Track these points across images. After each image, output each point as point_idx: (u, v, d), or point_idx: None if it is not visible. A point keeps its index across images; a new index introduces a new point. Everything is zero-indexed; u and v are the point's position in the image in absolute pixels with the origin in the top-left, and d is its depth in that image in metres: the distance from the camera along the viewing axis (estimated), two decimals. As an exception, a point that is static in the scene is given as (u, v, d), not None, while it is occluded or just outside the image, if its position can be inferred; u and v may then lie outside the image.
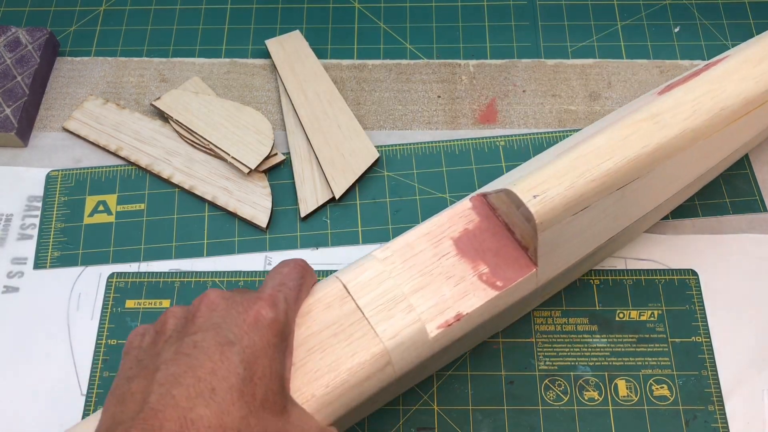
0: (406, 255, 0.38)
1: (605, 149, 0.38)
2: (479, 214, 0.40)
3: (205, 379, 0.28)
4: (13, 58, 0.56)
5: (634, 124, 0.40)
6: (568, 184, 0.37)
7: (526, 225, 0.38)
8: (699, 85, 0.43)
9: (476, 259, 0.38)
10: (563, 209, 0.36)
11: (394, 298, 0.36)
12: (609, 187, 0.38)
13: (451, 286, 0.37)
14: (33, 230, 0.51)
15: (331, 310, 0.36)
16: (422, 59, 0.59)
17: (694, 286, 0.49)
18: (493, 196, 0.39)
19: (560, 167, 0.37)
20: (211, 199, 0.52)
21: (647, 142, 0.39)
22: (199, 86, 0.57)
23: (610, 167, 0.38)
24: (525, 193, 0.36)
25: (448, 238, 0.39)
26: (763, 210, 0.51)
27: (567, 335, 0.47)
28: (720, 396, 0.45)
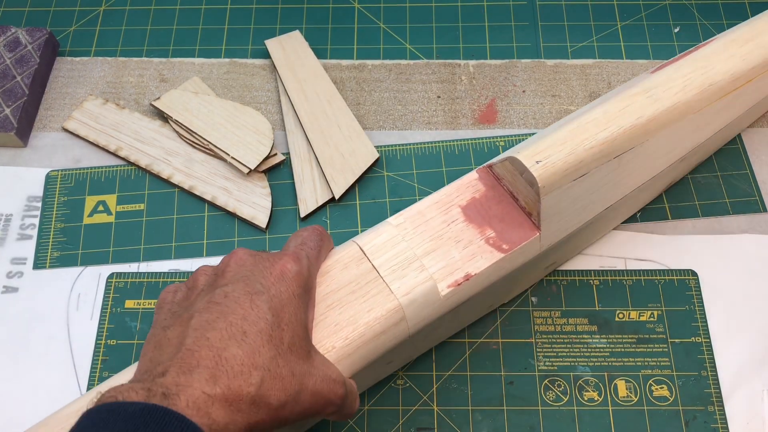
0: (417, 222, 0.41)
1: (602, 120, 0.41)
2: (485, 184, 0.42)
3: (236, 323, 0.30)
4: (12, 58, 0.56)
5: (628, 97, 0.43)
6: (569, 151, 0.39)
7: (529, 190, 0.40)
8: (689, 63, 0.45)
9: (483, 224, 0.41)
10: (564, 174, 0.39)
11: (407, 258, 0.39)
12: (606, 155, 0.40)
13: (460, 249, 0.40)
14: (32, 230, 0.51)
15: (349, 270, 0.38)
16: (422, 59, 0.59)
17: (694, 287, 0.49)
18: (498, 165, 0.42)
19: (561, 136, 0.40)
20: (211, 199, 0.52)
21: (641, 113, 0.42)
22: (199, 86, 0.57)
23: (607, 136, 0.40)
24: (528, 159, 0.38)
25: (456, 206, 0.41)
26: (762, 210, 0.51)
27: (567, 335, 0.47)
28: (720, 396, 0.45)
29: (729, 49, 0.46)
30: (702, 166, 0.53)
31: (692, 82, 0.44)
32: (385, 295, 0.37)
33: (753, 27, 0.47)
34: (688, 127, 0.45)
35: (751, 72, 0.46)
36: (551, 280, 0.49)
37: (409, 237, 0.40)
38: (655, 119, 0.42)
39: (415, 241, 0.40)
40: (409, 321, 0.38)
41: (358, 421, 0.45)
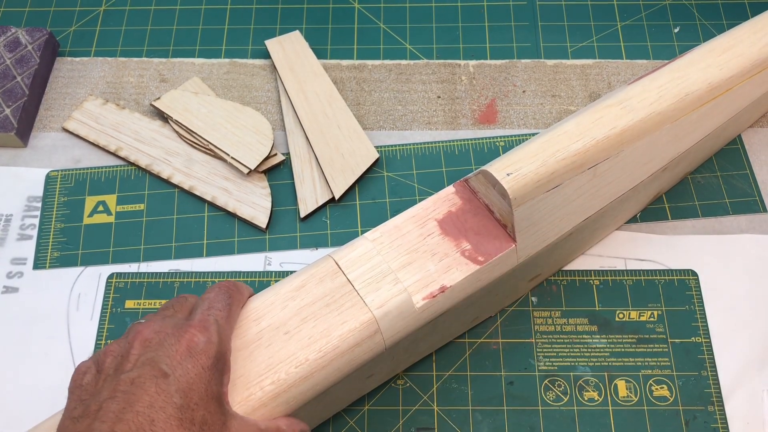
0: (393, 236, 0.41)
1: (575, 131, 0.41)
2: (462, 197, 0.42)
3: (143, 412, 0.30)
4: (12, 59, 0.56)
5: (602, 109, 0.43)
6: (540, 162, 0.39)
7: (502, 202, 0.40)
8: (665, 74, 0.45)
9: (459, 237, 0.41)
10: (535, 185, 0.39)
11: (382, 272, 0.39)
12: (579, 166, 0.40)
13: (435, 262, 0.40)
14: (32, 230, 0.51)
15: (324, 284, 0.39)
16: (422, 59, 0.59)
17: (694, 287, 0.49)
18: (473, 179, 0.42)
19: (532, 148, 0.40)
20: (211, 200, 0.52)
21: (614, 124, 0.42)
22: (199, 86, 0.57)
23: (579, 147, 0.40)
24: (499, 172, 0.39)
25: (432, 219, 0.41)
26: (762, 210, 0.51)
27: (567, 335, 0.47)
28: (720, 396, 0.45)
29: (706, 59, 0.46)
30: (702, 166, 0.53)
31: (668, 92, 0.44)
32: (360, 308, 0.38)
33: (731, 36, 0.47)
34: (665, 138, 0.44)
35: (729, 81, 0.45)
36: (551, 280, 0.49)
37: (384, 251, 0.40)
38: (630, 130, 0.42)
39: (390, 255, 0.40)
40: (384, 333, 0.38)
41: (358, 421, 0.45)
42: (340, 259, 0.39)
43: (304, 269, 0.40)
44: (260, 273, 0.50)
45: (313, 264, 0.40)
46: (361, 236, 0.41)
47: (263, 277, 0.50)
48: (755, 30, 0.47)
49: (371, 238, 0.41)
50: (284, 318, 0.38)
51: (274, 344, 0.37)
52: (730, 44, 0.47)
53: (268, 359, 0.36)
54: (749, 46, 0.46)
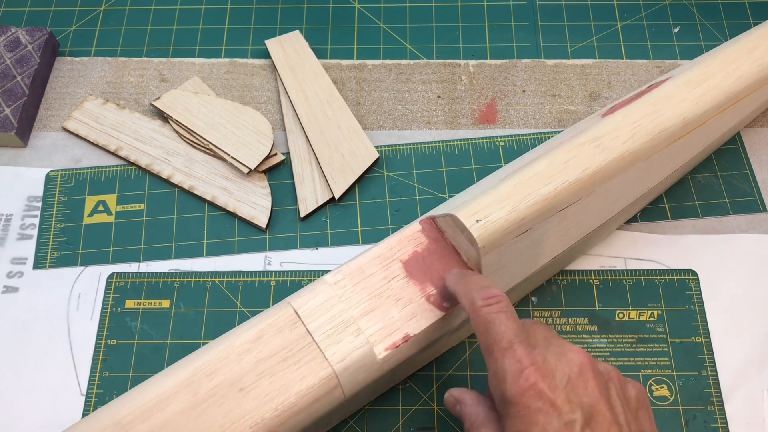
0: (357, 278, 0.39)
1: (546, 173, 0.40)
2: (428, 236, 0.41)
3: None
4: (12, 58, 0.56)
5: (574, 148, 0.42)
6: (510, 209, 0.38)
7: (471, 248, 0.39)
8: (639, 107, 0.44)
9: (424, 281, 0.40)
10: (505, 232, 0.38)
11: (343, 322, 0.38)
12: (549, 210, 0.40)
13: (399, 308, 0.39)
14: (33, 230, 0.51)
15: (282, 335, 0.37)
16: (422, 59, 0.59)
17: (694, 287, 0.49)
18: (440, 219, 0.41)
19: (502, 192, 0.39)
20: (211, 199, 0.52)
21: (587, 165, 0.41)
22: (199, 86, 0.57)
23: (550, 191, 0.39)
24: (468, 218, 0.38)
25: (397, 260, 0.40)
26: (762, 210, 0.51)
27: (567, 335, 0.47)
28: (720, 396, 0.45)
29: (680, 92, 0.45)
30: (702, 166, 0.53)
31: (642, 129, 0.43)
32: (319, 362, 0.36)
33: (706, 67, 0.46)
34: (636, 175, 0.44)
35: (703, 116, 0.45)
36: (551, 280, 0.49)
37: (347, 296, 0.39)
38: (602, 170, 0.41)
39: (353, 300, 0.38)
40: (345, 387, 0.37)
41: (358, 421, 0.45)
42: (299, 307, 0.38)
43: (262, 316, 0.38)
44: (260, 273, 0.50)
45: (271, 311, 0.38)
46: (321, 279, 0.39)
47: (263, 276, 0.50)
48: (730, 61, 0.47)
49: (332, 281, 0.39)
50: (240, 373, 0.36)
51: (227, 402, 0.35)
52: (706, 75, 0.46)
53: (222, 419, 0.34)
54: (723, 79, 0.46)
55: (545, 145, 0.47)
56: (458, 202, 0.42)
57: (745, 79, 0.46)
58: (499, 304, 0.34)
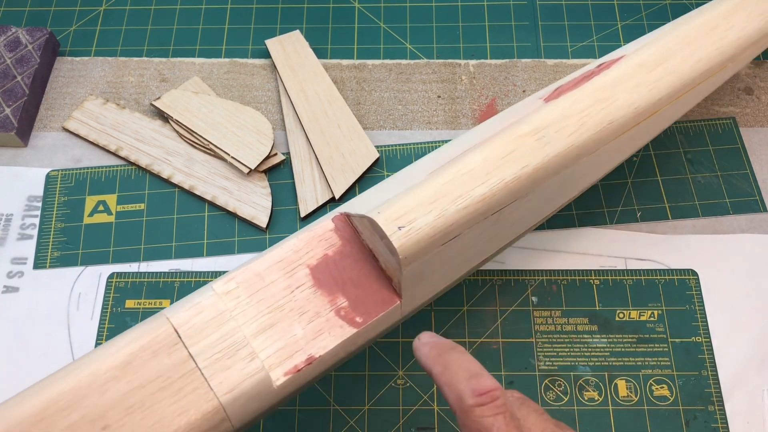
0: (254, 287, 0.33)
1: (480, 170, 0.35)
2: (341, 236, 0.35)
3: None
4: (13, 58, 0.56)
5: (514, 140, 0.36)
6: (438, 213, 0.33)
7: (390, 258, 0.33)
8: (589, 93, 0.39)
9: (335, 291, 0.34)
10: (431, 241, 0.33)
11: (234, 343, 0.32)
12: (483, 213, 0.34)
13: (304, 324, 0.33)
14: (33, 230, 0.51)
15: (158, 359, 0.31)
16: (422, 59, 0.59)
17: (694, 286, 0.49)
18: (357, 218, 0.35)
19: (429, 192, 0.34)
20: (211, 199, 0.52)
21: (527, 161, 0.36)
22: (199, 86, 0.57)
23: (484, 192, 0.34)
24: (389, 224, 0.32)
25: (304, 266, 0.34)
26: (762, 210, 0.51)
27: (567, 335, 0.47)
28: (720, 396, 0.45)
29: (636, 76, 0.40)
30: (702, 165, 0.53)
31: (590, 119, 0.37)
32: (203, 393, 0.30)
33: (663, 46, 0.42)
34: (579, 171, 0.39)
35: (656, 104, 0.40)
36: (551, 280, 0.49)
37: (240, 310, 0.33)
38: (544, 167, 0.36)
39: (248, 315, 0.33)
40: (233, 420, 0.31)
41: (358, 421, 0.45)
42: (180, 324, 0.31)
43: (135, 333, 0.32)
44: (260, 273, 0.50)
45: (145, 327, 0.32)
46: (208, 287, 0.33)
47: (263, 276, 0.50)
48: (689, 40, 0.42)
49: (222, 290, 0.33)
50: (104, 407, 0.29)
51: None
52: (662, 57, 0.41)
53: None
54: (681, 62, 0.41)
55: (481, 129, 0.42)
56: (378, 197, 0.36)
57: (704, 63, 0.41)
58: (495, 402, 0.28)
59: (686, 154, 0.54)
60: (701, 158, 0.53)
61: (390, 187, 0.38)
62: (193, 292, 0.34)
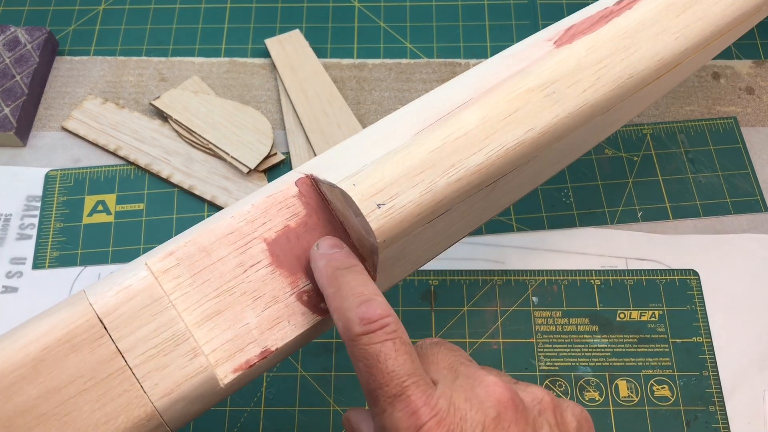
0: (198, 265, 0.28)
1: (477, 134, 0.29)
2: (306, 204, 0.29)
3: None
4: (12, 58, 0.56)
5: (518, 96, 0.31)
6: (425, 187, 0.27)
7: (365, 238, 0.28)
8: (608, 39, 0.33)
9: (296, 270, 0.28)
10: (415, 220, 0.28)
11: (173, 336, 0.26)
12: (478, 186, 0.29)
13: (258, 311, 0.28)
14: (32, 230, 0.51)
15: (80, 356, 0.25)
16: (422, 58, 0.59)
17: (695, 286, 0.48)
18: (326, 186, 0.29)
19: (415, 161, 0.28)
20: (211, 199, 0.52)
21: (533, 123, 0.30)
22: (199, 86, 0.57)
23: (481, 161, 0.29)
24: (366, 201, 0.27)
25: (260, 239, 0.28)
26: (763, 210, 0.51)
27: (568, 335, 0.47)
28: (721, 396, 0.45)
29: (661, 20, 0.34)
30: (703, 165, 0.53)
31: (608, 72, 0.32)
32: (134, 396, 0.25)
33: None
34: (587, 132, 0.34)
35: (682, 55, 0.34)
36: (552, 280, 0.49)
37: (181, 293, 0.27)
38: (552, 130, 0.30)
39: (190, 299, 0.27)
40: (171, 424, 0.27)
41: (358, 422, 0.45)
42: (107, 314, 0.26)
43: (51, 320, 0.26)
44: (260, 273, 0.50)
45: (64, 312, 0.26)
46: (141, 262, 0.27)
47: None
48: None
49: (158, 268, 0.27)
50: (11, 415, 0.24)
51: None
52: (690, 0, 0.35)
53: None
54: (713, 4, 0.35)
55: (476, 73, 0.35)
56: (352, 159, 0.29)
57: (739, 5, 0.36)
58: (385, 329, 0.25)
59: (687, 154, 0.54)
60: (702, 158, 0.53)
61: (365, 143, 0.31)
62: (124, 267, 0.28)
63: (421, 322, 0.47)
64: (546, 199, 0.52)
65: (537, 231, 0.51)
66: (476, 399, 0.25)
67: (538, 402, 0.27)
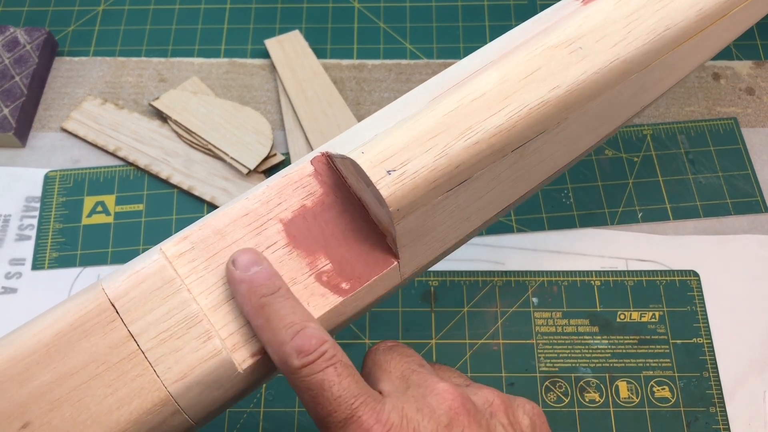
0: (213, 248, 0.27)
1: (496, 94, 0.27)
2: (322, 183, 0.28)
3: None
4: (11, 58, 0.56)
5: (540, 54, 0.29)
6: (438, 152, 0.26)
7: (380, 209, 0.27)
8: None
9: (315, 250, 0.27)
10: (431, 188, 0.26)
11: (186, 318, 0.26)
12: (500, 151, 0.27)
13: None
14: (31, 231, 0.51)
15: (92, 341, 0.25)
16: (422, 59, 0.59)
17: (695, 287, 0.48)
18: (339, 160, 0.28)
19: (428, 125, 0.27)
20: (210, 200, 0.52)
21: (558, 81, 0.28)
22: (198, 86, 0.57)
23: (501, 123, 0.27)
24: (375, 168, 0.25)
25: (276, 220, 0.28)
26: (764, 210, 0.51)
27: (568, 336, 0.47)
28: (721, 397, 0.45)
29: None
30: (704, 166, 0.53)
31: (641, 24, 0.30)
32: (147, 381, 0.25)
33: None
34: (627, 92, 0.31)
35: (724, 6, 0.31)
36: (552, 281, 0.49)
37: (196, 276, 0.27)
38: (580, 88, 0.28)
39: (206, 283, 0.26)
40: (190, 411, 0.26)
41: None
42: (118, 297, 0.26)
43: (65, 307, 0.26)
44: (260, 274, 0.49)
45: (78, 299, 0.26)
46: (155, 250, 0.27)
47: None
48: None
49: (173, 252, 0.27)
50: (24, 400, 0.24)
51: None
52: None
53: None
54: None
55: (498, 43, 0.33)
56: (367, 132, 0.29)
57: None
58: (324, 356, 0.24)
59: (687, 155, 0.53)
60: (702, 159, 0.53)
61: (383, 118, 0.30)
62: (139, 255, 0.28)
63: (421, 323, 0.47)
64: (546, 200, 0.52)
65: (537, 232, 0.51)
66: (428, 408, 0.25)
67: (489, 404, 0.27)
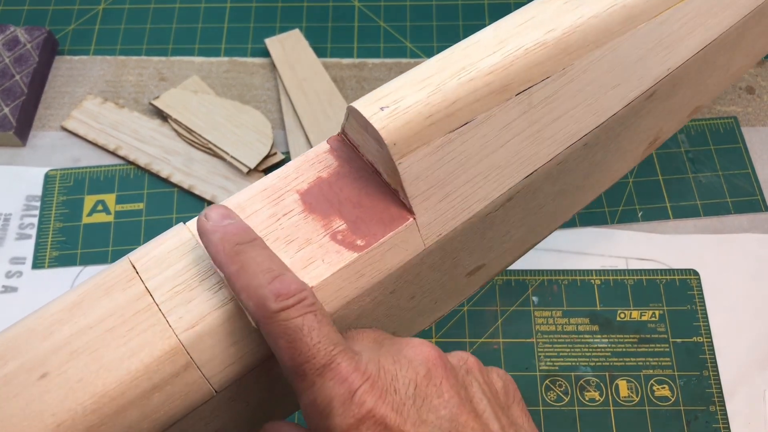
0: None
1: (491, 41, 0.28)
2: (338, 157, 0.29)
3: None
4: (11, 57, 0.56)
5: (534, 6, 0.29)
6: (433, 88, 0.27)
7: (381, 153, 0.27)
8: None
9: (329, 213, 0.28)
10: (427, 123, 0.26)
11: (198, 273, 0.26)
12: (500, 91, 0.27)
13: (291, 253, 0.27)
14: (31, 230, 0.51)
15: (111, 297, 0.26)
16: (422, 58, 0.59)
17: (696, 286, 0.48)
18: (347, 125, 0.29)
19: (423, 70, 0.27)
20: (210, 199, 0.52)
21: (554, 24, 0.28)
22: (199, 85, 0.57)
23: (496, 62, 0.27)
24: (368, 107, 0.26)
25: (293, 191, 0.29)
26: (764, 209, 0.51)
27: (568, 335, 0.47)
28: (721, 396, 0.45)
29: None
30: (704, 165, 0.53)
31: None
32: (159, 331, 0.25)
33: None
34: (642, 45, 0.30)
35: None
36: (552, 280, 0.49)
37: None
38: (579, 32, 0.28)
39: None
40: (204, 367, 0.26)
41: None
42: (138, 259, 0.27)
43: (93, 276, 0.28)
44: (260, 272, 0.49)
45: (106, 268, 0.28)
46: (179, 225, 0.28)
47: (263, 276, 0.49)
48: None
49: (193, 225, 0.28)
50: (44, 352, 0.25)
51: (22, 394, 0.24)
52: None
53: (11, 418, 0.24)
54: None
55: None
56: None
57: None
58: (304, 302, 0.24)
59: (688, 154, 0.53)
60: (703, 158, 0.53)
61: None
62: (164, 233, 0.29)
63: (421, 321, 0.47)
64: (546, 199, 0.52)
65: (537, 231, 0.51)
66: (405, 359, 0.25)
67: (464, 362, 0.27)
